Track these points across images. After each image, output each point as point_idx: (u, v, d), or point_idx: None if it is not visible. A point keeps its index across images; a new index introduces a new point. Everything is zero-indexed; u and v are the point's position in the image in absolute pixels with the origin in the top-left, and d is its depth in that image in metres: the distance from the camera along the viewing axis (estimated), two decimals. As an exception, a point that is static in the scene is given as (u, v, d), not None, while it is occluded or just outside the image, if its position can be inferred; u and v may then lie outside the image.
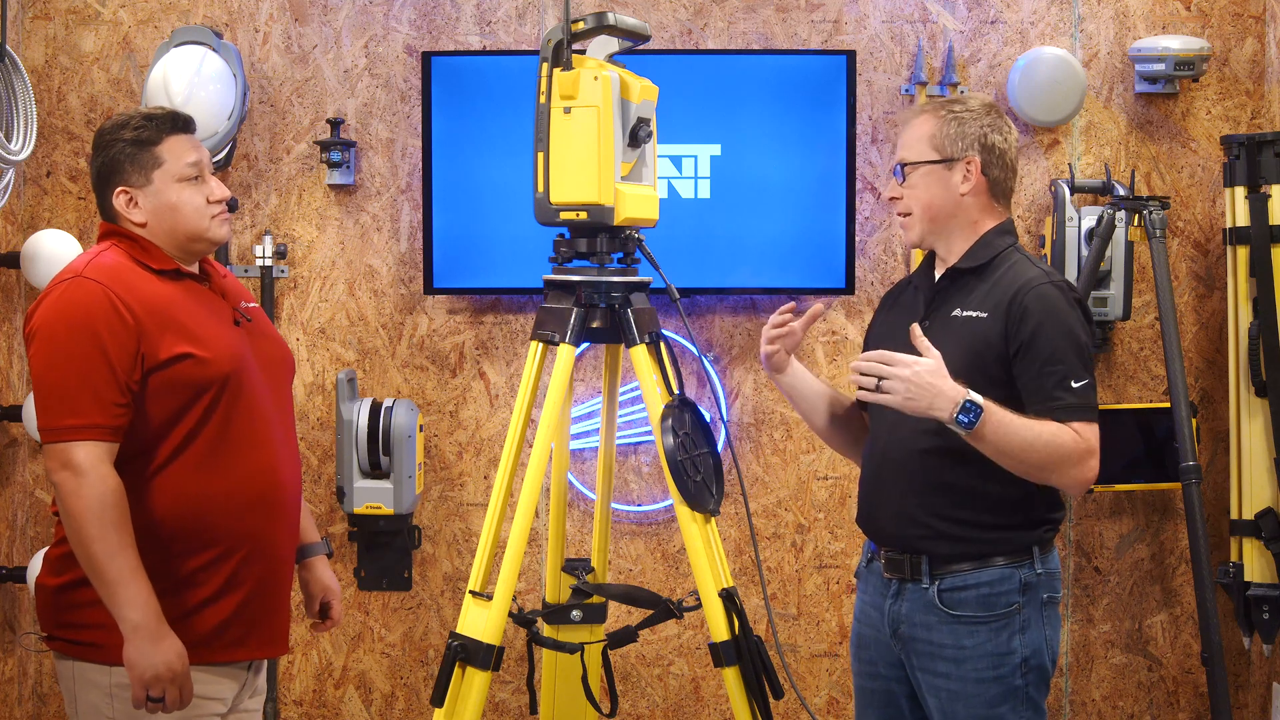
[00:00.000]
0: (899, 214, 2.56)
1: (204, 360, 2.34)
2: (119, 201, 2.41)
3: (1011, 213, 2.58)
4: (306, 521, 2.65)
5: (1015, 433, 2.31)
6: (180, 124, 2.45)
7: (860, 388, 2.37)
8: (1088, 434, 2.36)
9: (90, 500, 2.22)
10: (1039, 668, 2.46)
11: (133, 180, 2.40)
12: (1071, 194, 3.80)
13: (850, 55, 3.83)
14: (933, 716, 2.50)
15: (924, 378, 2.29)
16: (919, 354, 2.33)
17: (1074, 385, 2.35)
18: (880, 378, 2.32)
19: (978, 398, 2.28)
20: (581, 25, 2.54)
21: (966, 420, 2.27)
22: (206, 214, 2.43)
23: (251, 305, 2.54)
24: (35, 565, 3.63)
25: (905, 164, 2.51)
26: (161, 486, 2.33)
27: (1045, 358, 2.36)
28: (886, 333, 2.59)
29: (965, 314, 2.45)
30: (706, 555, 2.54)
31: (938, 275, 2.56)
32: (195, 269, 2.48)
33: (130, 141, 2.40)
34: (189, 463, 2.34)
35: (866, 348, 2.63)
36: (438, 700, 2.51)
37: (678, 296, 2.62)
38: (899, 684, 2.56)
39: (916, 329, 2.35)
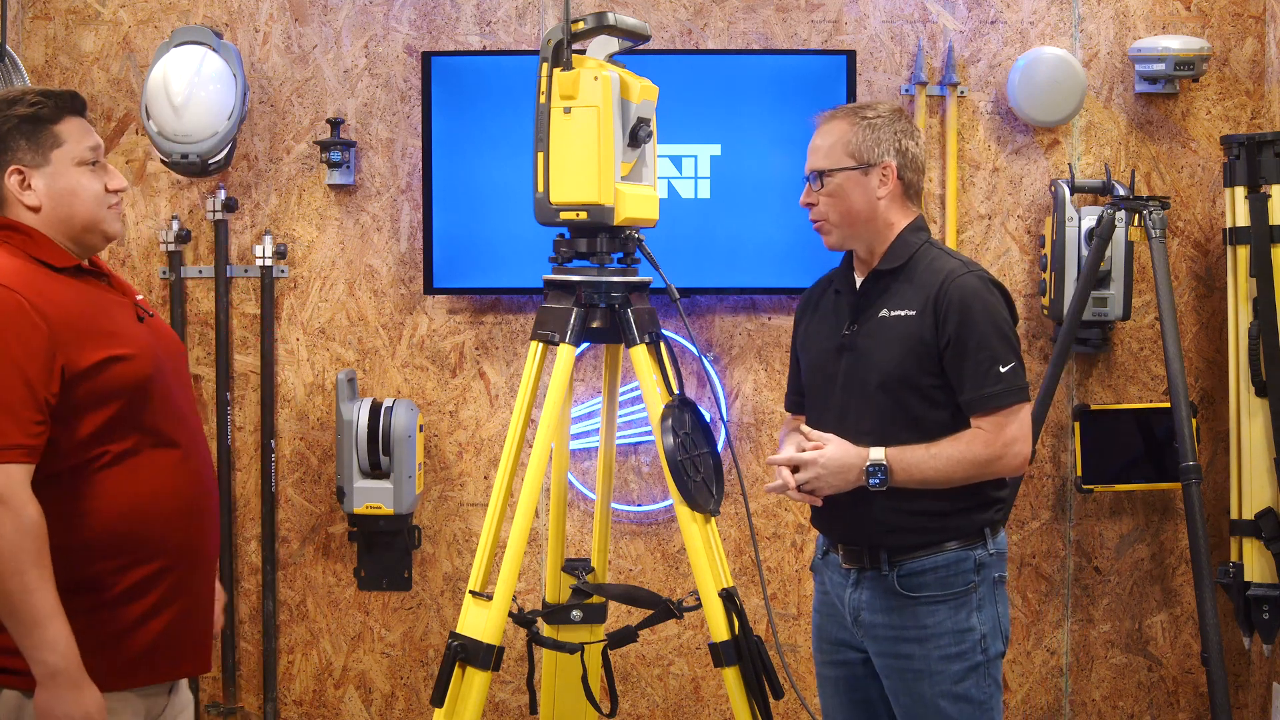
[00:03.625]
0: (813, 219, 2.64)
1: (129, 358, 2.17)
2: (11, 182, 2.18)
3: (922, 209, 2.67)
4: None
5: (926, 466, 2.47)
6: (79, 106, 2.26)
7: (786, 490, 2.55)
8: (1001, 423, 2.46)
9: (7, 532, 2.02)
10: (996, 644, 2.56)
11: (27, 159, 2.18)
12: (1071, 194, 3.80)
13: (850, 55, 3.83)
14: (897, 698, 2.57)
15: (831, 464, 2.49)
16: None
17: (1001, 370, 2.46)
18: (799, 483, 2.53)
19: (879, 455, 2.46)
20: (581, 25, 2.54)
21: (876, 481, 2.47)
22: (104, 203, 2.24)
23: (142, 299, 2.37)
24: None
25: (823, 172, 2.59)
26: (96, 500, 2.14)
27: (972, 347, 2.46)
28: (811, 342, 2.71)
29: (894, 314, 2.54)
30: (706, 555, 2.54)
31: (859, 279, 2.64)
32: (92, 267, 2.30)
33: (26, 118, 2.18)
34: (123, 471, 2.16)
35: (795, 355, 2.78)
36: (438, 700, 2.52)
37: (678, 296, 2.62)
38: (863, 666, 2.65)
39: (807, 430, 2.57)
